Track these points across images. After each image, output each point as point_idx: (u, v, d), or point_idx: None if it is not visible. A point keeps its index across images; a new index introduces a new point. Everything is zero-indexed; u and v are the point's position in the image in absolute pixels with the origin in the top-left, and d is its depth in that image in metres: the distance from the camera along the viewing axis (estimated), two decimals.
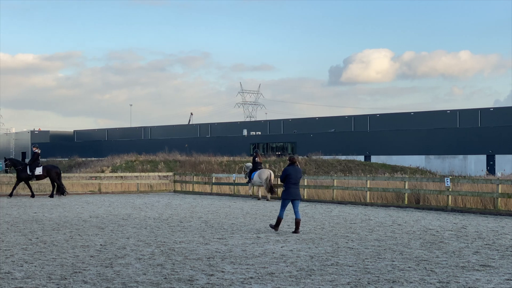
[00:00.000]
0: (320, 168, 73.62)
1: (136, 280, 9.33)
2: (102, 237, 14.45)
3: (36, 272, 9.95)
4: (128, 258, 11.40)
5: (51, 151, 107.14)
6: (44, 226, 16.82)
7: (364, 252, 12.34)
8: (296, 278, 9.57)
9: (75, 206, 24.33)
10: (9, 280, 9.25)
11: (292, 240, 14.06)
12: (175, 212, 21.52)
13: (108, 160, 73.11)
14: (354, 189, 27.76)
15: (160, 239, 14.14)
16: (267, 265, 10.76)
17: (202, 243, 13.54)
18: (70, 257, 11.47)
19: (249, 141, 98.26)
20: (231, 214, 21.10)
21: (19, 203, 25.87)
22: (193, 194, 34.32)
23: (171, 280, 9.40)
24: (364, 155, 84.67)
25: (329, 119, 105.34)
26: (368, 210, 23.00)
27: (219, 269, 10.34)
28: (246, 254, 11.93)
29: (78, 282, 9.19)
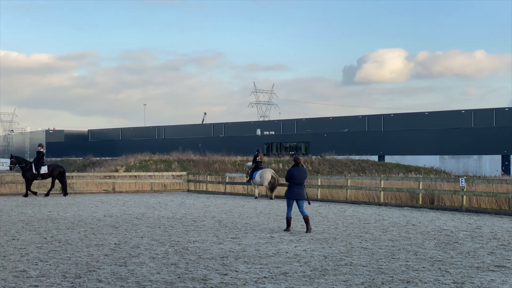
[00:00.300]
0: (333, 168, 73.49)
1: (150, 279, 9.36)
2: (116, 236, 14.51)
3: (51, 270, 10.01)
4: (142, 257, 11.44)
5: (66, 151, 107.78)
6: (59, 225, 16.92)
7: (378, 252, 12.30)
8: (309, 278, 9.56)
9: (89, 205, 24.45)
10: (24, 279, 9.31)
11: (305, 240, 14.05)
12: (189, 212, 21.56)
13: (122, 160, 73.39)
14: (368, 189, 27.68)
15: (174, 238, 14.17)
16: (281, 264, 10.75)
17: (216, 242, 13.56)
18: (85, 255, 11.53)
19: (262, 141, 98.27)
20: (245, 213, 21.11)
21: (34, 202, 26.04)
22: (207, 193, 34.37)
23: (185, 279, 9.41)
24: (378, 155, 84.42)
25: (343, 119, 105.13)
26: (382, 210, 22.92)
27: (232, 268, 10.35)
28: (259, 254, 11.93)
29: (93, 280, 9.23)
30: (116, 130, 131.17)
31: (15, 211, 21.09)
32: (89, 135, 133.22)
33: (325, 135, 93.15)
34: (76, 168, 78.84)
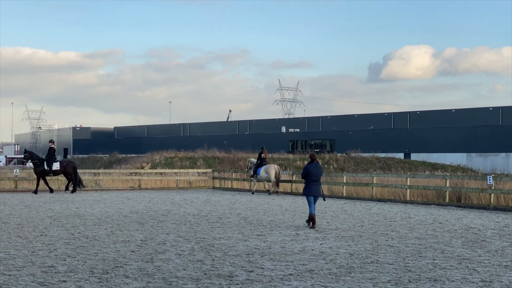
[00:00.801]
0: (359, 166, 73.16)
1: (177, 276, 9.41)
2: (143, 232, 14.61)
3: (79, 266, 10.11)
4: (168, 253, 11.50)
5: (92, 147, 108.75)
6: (86, 221, 17.08)
7: (405, 250, 12.23)
8: (335, 276, 9.54)
9: (116, 201, 24.64)
10: (53, 274, 9.42)
11: (331, 238, 14.01)
12: (214, 209, 21.63)
13: (148, 157, 73.84)
14: (393, 187, 27.51)
15: (200, 235, 14.23)
16: (307, 262, 10.74)
17: (241, 239, 13.58)
18: (112, 251, 11.63)
19: (287, 138, 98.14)
20: (270, 211, 21.11)
21: (61, 198, 26.31)
22: (232, 190, 34.43)
23: (211, 276, 9.45)
24: (403, 153, 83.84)
25: (368, 116, 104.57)
26: (408, 208, 22.77)
27: (258, 265, 10.36)
28: (285, 251, 11.93)
29: (120, 276, 9.30)
30: (141, 127, 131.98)
31: (43, 207, 21.34)
32: (115, 132, 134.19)
33: (350, 132, 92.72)
34: (102, 165, 79.54)
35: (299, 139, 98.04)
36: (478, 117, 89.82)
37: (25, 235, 13.84)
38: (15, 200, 24.95)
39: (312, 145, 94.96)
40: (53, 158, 30.10)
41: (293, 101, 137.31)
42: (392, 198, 26.85)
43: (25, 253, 11.31)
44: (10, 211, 19.74)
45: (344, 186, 29.14)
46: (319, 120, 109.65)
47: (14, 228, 15.16)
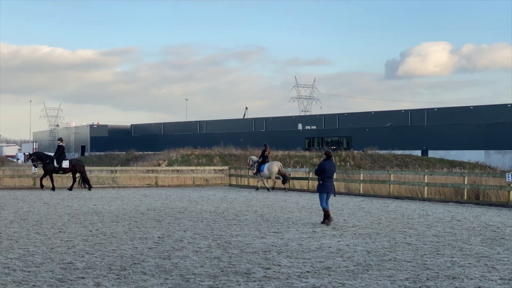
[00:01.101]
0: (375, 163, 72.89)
1: (194, 272, 9.44)
2: (160, 229, 14.67)
3: (97, 262, 10.18)
4: (186, 250, 11.54)
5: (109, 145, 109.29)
6: (103, 218, 17.18)
7: (423, 247, 12.17)
8: (353, 273, 9.52)
9: (133, 199, 24.76)
10: (71, 270, 9.49)
11: (348, 235, 13.98)
12: (231, 206, 21.66)
13: (164, 154, 74.06)
14: (411, 184, 27.37)
15: (217, 232, 14.26)
16: (324, 259, 10.72)
17: (258, 236, 13.59)
18: (129, 248, 11.69)
19: (304, 136, 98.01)
20: (287, 208, 21.10)
21: (79, 195, 26.49)
22: (248, 188, 34.45)
23: (228, 273, 9.47)
24: (421, 150, 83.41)
25: (385, 113, 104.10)
26: (425, 206, 22.66)
27: (275, 262, 10.36)
28: (302, 248, 11.92)
29: (138, 273, 9.35)
30: (158, 125, 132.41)
31: (61, 204, 21.49)
32: (132, 130, 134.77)
33: (367, 129, 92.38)
34: (119, 162, 79.91)
35: (315, 136, 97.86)
36: (497, 114, 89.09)
37: (44, 232, 13.96)
38: (34, 197, 25.15)
39: (329, 143, 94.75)
40: (62, 156, 30.21)
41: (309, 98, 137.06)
42: (410, 196, 26.72)
43: (44, 250, 11.40)
44: (29, 208, 19.92)
45: (361, 184, 29.06)
46: (335, 117, 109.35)
47: (33, 225, 15.29)
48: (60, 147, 30.50)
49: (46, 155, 31.29)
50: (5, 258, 10.47)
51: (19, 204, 21.63)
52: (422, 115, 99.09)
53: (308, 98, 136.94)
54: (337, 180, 31.07)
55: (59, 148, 30.44)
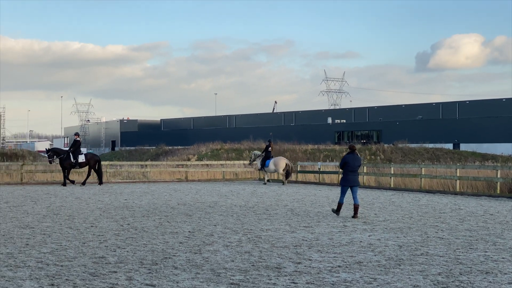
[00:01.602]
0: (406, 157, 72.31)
1: (225, 267, 9.46)
2: (190, 224, 14.74)
3: (129, 257, 10.26)
4: (216, 245, 11.58)
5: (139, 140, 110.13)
6: (134, 212, 17.32)
7: (455, 242, 12.04)
8: (385, 268, 9.45)
9: (163, 193, 24.92)
10: (103, 265, 9.58)
11: (379, 229, 13.90)
12: (261, 200, 21.67)
13: (194, 149, 74.42)
14: (443, 178, 27.11)
15: (247, 226, 14.28)
16: (355, 254, 10.67)
17: (289, 231, 13.58)
18: (160, 243, 11.77)
19: (333, 129, 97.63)
20: (317, 202, 21.05)
21: (110, 190, 26.74)
22: (278, 182, 34.45)
23: (259, 267, 9.47)
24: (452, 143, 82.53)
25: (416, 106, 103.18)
26: (458, 199, 22.42)
27: (306, 257, 10.34)
28: (333, 243, 11.88)
29: (169, 267, 9.41)
30: (187, 120, 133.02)
31: (92, 199, 21.73)
32: (162, 125, 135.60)
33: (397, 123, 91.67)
34: (149, 157, 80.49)
35: (345, 130, 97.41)
36: None
37: (76, 227, 14.12)
38: (66, 192, 25.46)
39: (359, 136, 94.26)
40: (78, 151, 30.22)
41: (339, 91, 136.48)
42: (441, 190, 26.47)
43: (77, 244, 11.54)
44: (61, 203, 20.17)
45: (391, 177, 28.86)
46: (365, 111, 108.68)
47: (65, 220, 15.49)
48: (77, 141, 30.50)
49: (62, 150, 31.36)
50: (38, 253, 10.62)
51: (51, 199, 21.93)
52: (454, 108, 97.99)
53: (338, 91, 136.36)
54: (368, 174, 30.92)
55: (76, 143, 30.42)
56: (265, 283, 8.36)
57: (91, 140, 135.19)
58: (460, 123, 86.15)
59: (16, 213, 17.08)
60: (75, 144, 30.42)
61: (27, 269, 9.23)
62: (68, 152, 30.20)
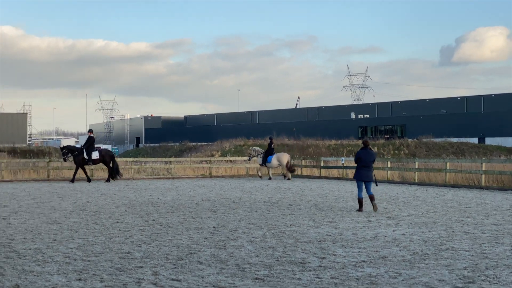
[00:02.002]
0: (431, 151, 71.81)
1: (249, 262, 9.49)
2: (215, 219, 14.80)
3: (154, 252, 10.34)
4: (241, 240, 11.62)
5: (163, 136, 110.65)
6: (159, 208, 17.44)
7: (481, 236, 11.95)
8: (410, 263, 9.42)
9: (187, 189, 25.04)
10: (129, 260, 9.67)
11: (404, 224, 13.83)
12: (285, 196, 21.68)
13: (218, 145, 74.64)
14: (468, 172, 26.88)
15: (271, 222, 14.30)
16: (379, 248, 10.64)
17: (313, 226, 13.58)
18: (185, 238, 11.83)
19: (356, 124, 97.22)
20: (341, 197, 21.01)
21: (135, 186, 26.93)
22: (302, 177, 34.42)
23: (283, 262, 9.49)
24: (477, 137, 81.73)
25: (440, 100, 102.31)
26: (483, 194, 22.22)
27: (330, 252, 10.33)
28: (357, 238, 11.86)
29: (194, 262, 9.47)
30: (211, 116, 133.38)
31: (118, 195, 21.91)
32: (185, 121, 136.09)
33: (421, 117, 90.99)
34: (173, 153, 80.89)
35: (368, 125, 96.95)
36: None
37: (102, 222, 14.26)
38: (91, 188, 25.70)
39: (382, 131, 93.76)
40: (92, 147, 30.13)
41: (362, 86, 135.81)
42: (467, 184, 26.25)
43: (103, 240, 11.65)
44: (87, 199, 20.37)
45: (415, 172, 28.68)
46: (389, 106, 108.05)
47: (91, 215, 15.65)
48: (91, 138, 30.42)
49: (76, 147, 31.36)
50: (66, 248, 10.74)
51: (77, 195, 22.15)
52: (479, 102, 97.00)
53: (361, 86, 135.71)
54: (392, 168, 30.76)
55: (90, 139, 30.32)
56: (290, 278, 8.38)
57: (115, 137, 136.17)
58: (485, 117, 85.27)
59: (44, 209, 17.29)
60: (89, 140, 30.32)
61: (54, 264, 9.35)
62: (82, 149, 30.19)
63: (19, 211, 16.81)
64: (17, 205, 18.53)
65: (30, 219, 14.98)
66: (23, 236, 12.13)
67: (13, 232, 12.67)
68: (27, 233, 12.54)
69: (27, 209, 17.21)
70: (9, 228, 13.28)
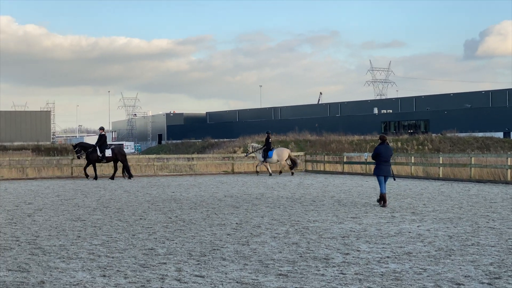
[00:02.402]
0: (455, 146, 71.22)
1: (273, 258, 9.49)
2: (238, 215, 14.82)
3: (177, 249, 10.38)
4: (264, 236, 11.62)
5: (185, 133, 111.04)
6: (182, 205, 17.50)
7: (507, 232, 11.82)
8: (435, 258, 9.35)
9: (210, 186, 25.10)
10: (153, 256, 9.72)
11: (428, 220, 13.73)
12: (308, 192, 21.65)
13: (240, 141, 74.71)
14: (493, 167, 26.61)
15: (294, 218, 14.29)
16: (404, 244, 10.58)
17: (336, 222, 13.54)
18: (208, 235, 11.87)
19: (379, 120, 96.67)
20: (364, 193, 20.92)
21: (157, 183, 27.06)
22: (324, 173, 34.33)
23: (307, 258, 9.48)
24: (503, 132, 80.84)
25: (465, 94, 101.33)
26: (509, 189, 21.97)
27: (354, 248, 10.30)
28: (381, 233, 11.80)
29: (217, 259, 9.49)
30: (233, 112, 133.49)
31: (140, 192, 22.03)
32: (207, 118, 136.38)
33: (445, 112, 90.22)
34: (195, 150, 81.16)
35: (391, 120, 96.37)
36: None
37: (125, 219, 14.35)
38: (114, 185, 25.88)
39: (405, 126, 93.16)
40: (105, 145, 30.25)
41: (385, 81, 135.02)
42: (492, 179, 25.98)
43: (126, 236, 11.73)
44: (110, 196, 20.52)
45: (440, 167, 28.45)
46: (412, 100, 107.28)
47: (115, 212, 15.75)
48: (102, 136, 30.55)
49: (89, 144, 31.43)
50: (90, 245, 10.83)
51: (101, 192, 22.32)
52: (504, 96, 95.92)
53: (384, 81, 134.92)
54: (416, 164, 30.56)
55: (101, 137, 30.45)
56: (314, 274, 8.36)
57: (138, 134, 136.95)
58: (510, 111, 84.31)
59: (68, 206, 17.45)
60: (101, 138, 30.51)
61: (79, 260, 9.43)
62: (95, 146, 30.35)
63: (44, 208, 16.98)
64: (42, 202, 18.72)
65: (54, 216, 15.13)
66: (48, 233, 12.25)
67: (38, 229, 12.81)
68: (51, 230, 12.66)
69: (52, 206, 17.38)
70: (34, 225, 13.43)
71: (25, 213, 15.82)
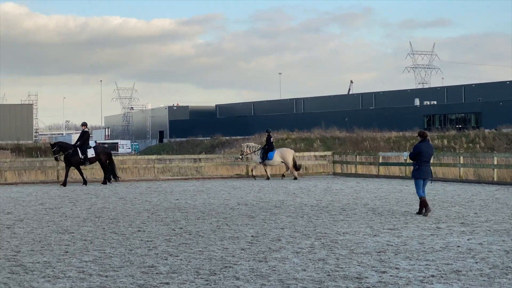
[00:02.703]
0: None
1: (295, 277, 9.51)
2: (253, 227, 14.86)
3: (182, 266, 10.43)
4: (284, 251, 11.65)
5: (191, 129, 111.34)
6: (187, 214, 17.57)
7: None
8: (488, 277, 9.33)
9: (220, 191, 25.17)
10: (154, 275, 9.77)
11: (481, 232, 13.70)
12: (336, 198, 21.66)
13: (256, 139, 74.79)
14: None
15: (320, 229, 14.31)
16: (451, 261, 10.57)
17: (370, 234, 13.55)
18: (219, 249, 11.91)
19: (421, 113, 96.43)
20: (404, 200, 20.90)
21: (158, 188, 27.18)
22: (356, 176, 34.30)
23: (336, 277, 9.49)
24: None
25: None
26: None
27: (392, 265, 10.30)
28: (424, 248, 11.80)
29: (229, 278, 9.52)
30: (247, 105, 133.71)
31: (139, 199, 22.15)
32: (217, 111, 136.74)
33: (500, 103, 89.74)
34: (203, 149, 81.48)
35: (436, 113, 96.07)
36: None
37: (121, 231, 14.43)
38: (108, 191, 26.02)
39: (453, 120, 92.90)
40: (86, 144, 29.80)
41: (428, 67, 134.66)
42: None
43: (122, 252, 11.80)
44: (103, 204, 20.64)
45: (494, 169, 28.34)
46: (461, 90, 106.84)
47: (108, 223, 15.84)
48: (85, 133, 30.20)
49: (69, 145, 31.27)
50: (80, 261, 10.91)
51: (92, 199, 22.46)
52: None
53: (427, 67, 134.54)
54: (465, 165, 30.47)
55: (84, 134, 30.08)
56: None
57: (135, 131, 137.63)
58: None
59: (53, 216, 17.58)
60: (83, 136, 30.05)
61: (67, 280, 9.50)
62: (75, 146, 29.83)
63: (25, 218, 17.12)
64: (23, 211, 18.87)
65: (38, 227, 15.24)
66: (30, 248, 12.35)
67: (18, 243, 12.91)
68: (34, 244, 12.76)
69: (35, 216, 17.51)
70: (14, 239, 13.54)
71: (3, 224, 15.95)
